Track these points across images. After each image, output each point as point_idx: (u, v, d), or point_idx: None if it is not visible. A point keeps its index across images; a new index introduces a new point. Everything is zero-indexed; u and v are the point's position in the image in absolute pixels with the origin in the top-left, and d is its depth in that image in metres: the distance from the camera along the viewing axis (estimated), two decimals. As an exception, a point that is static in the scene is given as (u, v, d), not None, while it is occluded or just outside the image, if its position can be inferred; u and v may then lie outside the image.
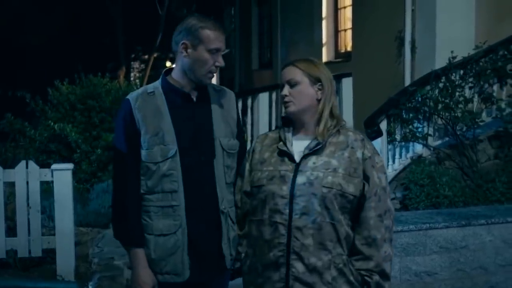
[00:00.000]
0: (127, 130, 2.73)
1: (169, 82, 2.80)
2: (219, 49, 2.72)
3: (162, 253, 2.70)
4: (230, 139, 2.81)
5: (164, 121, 2.71)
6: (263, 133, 2.82)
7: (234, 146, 2.83)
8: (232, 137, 2.83)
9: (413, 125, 6.82)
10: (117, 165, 2.84)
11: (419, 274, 5.01)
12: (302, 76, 2.57)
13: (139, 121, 2.71)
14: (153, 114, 2.72)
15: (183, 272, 2.70)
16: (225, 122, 2.83)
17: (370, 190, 2.52)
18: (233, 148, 2.82)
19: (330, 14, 11.24)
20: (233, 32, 16.39)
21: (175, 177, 2.68)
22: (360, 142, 2.58)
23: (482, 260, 5.16)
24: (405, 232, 4.99)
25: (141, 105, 2.73)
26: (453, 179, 6.37)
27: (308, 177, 2.49)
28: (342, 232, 2.50)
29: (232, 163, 2.81)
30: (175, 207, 2.69)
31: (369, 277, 2.53)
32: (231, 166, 2.80)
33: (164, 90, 2.79)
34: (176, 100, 2.76)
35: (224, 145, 2.78)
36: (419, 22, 8.55)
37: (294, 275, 2.47)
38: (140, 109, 2.73)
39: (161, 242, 2.69)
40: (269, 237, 2.51)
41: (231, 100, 2.92)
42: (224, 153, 2.77)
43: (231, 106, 2.91)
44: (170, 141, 2.69)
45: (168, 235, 2.69)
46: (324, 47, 11.20)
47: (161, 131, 2.69)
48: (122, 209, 2.75)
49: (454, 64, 6.85)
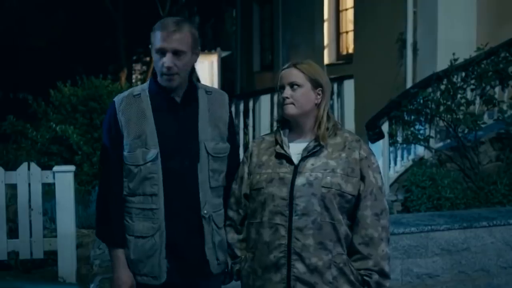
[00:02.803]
0: (110, 132, 2.74)
1: (156, 85, 2.75)
2: (162, 49, 2.65)
3: (140, 255, 2.70)
4: (217, 143, 2.76)
5: (147, 124, 2.69)
6: (259, 137, 2.83)
7: (223, 149, 2.78)
8: (221, 140, 2.78)
9: (414, 127, 6.82)
10: (102, 166, 2.86)
11: (421, 276, 5.00)
12: (304, 80, 2.58)
13: (122, 124, 2.70)
14: (137, 117, 2.70)
15: (160, 275, 2.69)
16: (213, 125, 2.77)
17: (366, 189, 2.55)
18: (221, 151, 2.77)
19: (331, 16, 11.26)
20: (234, 34, 16.40)
21: (156, 180, 2.67)
22: (357, 143, 2.61)
23: (483, 262, 5.16)
24: (406, 234, 4.99)
25: (125, 108, 2.72)
26: (454, 181, 6.36)
27: (308, 178, 2.51)
28: (342, 231, 2.53)
29: (220, 167, 2.76)
30: (154, 210, 2.68)
31: (368, 277, 2.54)
32: (218, 170, 2.76)
33: (150, 93, 2.76)
34: (161, 103, 2.73)
35: (210, 149, 2.72)
36: (421, 24, 8.56)
37: (296, 276, 2.48)
38: (124, 111, 2.72)
39: (140, 244, 2.69)
40: (269, 238, 2.53)
41: (223, 102, 2.86)
42: (210, 157, 2.72)
43: (223, 109, 2.84)
44: (152, 144, 2.67)
45: (146, 237, 2.68)
46: (326, 49, 11.21)
47: (143, 134, 2.68)
48: (105, 209, 2.77)
49: (456, 66, 6.85)
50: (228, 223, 2.74)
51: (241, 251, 2.70)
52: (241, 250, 2.70)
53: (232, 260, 2.72)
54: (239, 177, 2.73)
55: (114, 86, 8.07)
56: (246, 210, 2.69)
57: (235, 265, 2.71)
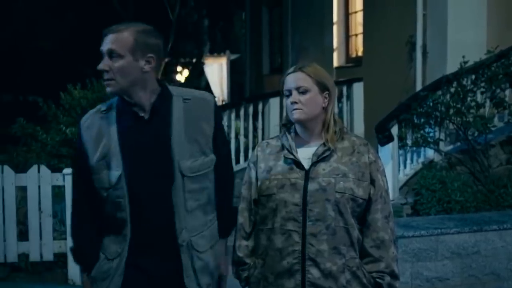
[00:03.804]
0: (77, 153, 2.57)
1: (122, 99, 2.50)
2: (102, 52, 2.45)
3: (97, 274, 2.57)
4: (196, 159, 2.50)
5: (111, 143, 2.47)
6: (263, 141, 2.77)
7: (204, 165, 2.53)
8: (203, 154, 2.53)
9: (424, 130, 6.79)
10: (72, 189, 2.71)
11: (431, 279, 4.99)
12: (312, 84, 2.55)
13: (86, 144, 2.51)
14: (102, 136, 2.49)
15: None
16: (190, 140, 2.51)
17: (376, 193, 2.56)
18: (201, 168, 2.52)
19: (341, 19, 11.24)
20: (244, 37, 16.41)
21: (123, 205, 2.47)
22: (365, 147, 2.60)
23: (494, 266, 5.13)
24: (416, 238, 4.97)
25: (90, 126, 2.52)
26: (464, 184, 6.34)
27: (320, 183, 2.50)
28: (355, 235, 2.53)
29: (200, 185, 2.53)
30: (124, 235, 2.49)
31: (381, 279, 2.55)
32: (198, 189, 2.53)
33: (117, 108, 2.52)
34: (126, 119, 2.49)
35: (185, 169, 2.48)
36: (431, 27, 8.53)
37: (310, 281, 2.48)
38: (88, 130, 2.52)
39: (102, 263, 2.56)
40: (282, 245, 2.51)
41: (206, 109, 2.58)
42: (185, 178, 2.48)
43: (205, 117, 2.56)
44: (115, 166, 2.45)
45: (109, 259, 2.54)
46: (335, 52, 11.19)
47: (108, 155, 2.46)
48: (75, 234, 2.64)
49: (466, 69, 6.83)
50: (238, 228, 2.69)
51: (249, 258, 2.67)
52: (249, 256, 2.67)
53: (239, 266, 2.69)
54: (247, 183, 2.69)
55: (124, 89, 8.08)
56: (256, 216, 2.66)
57: (243, 272, 2.67)
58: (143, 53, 2.45)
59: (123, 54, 2.42)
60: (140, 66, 2.45)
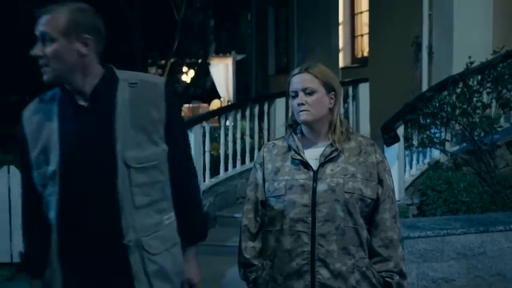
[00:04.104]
0: (19, 148, 2.34)
1: (64, 87, 2.28)
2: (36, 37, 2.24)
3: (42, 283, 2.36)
4: (143, 149, 2.25)
5: (51, 136, 2.24)
6: (269, 142, 2.76)
7: (154, 156, 2.28)
8: (153, 144, 2.28)
9: (430, 131, 6.79)
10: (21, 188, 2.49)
11: (437, 280, 4.98)
12: (318, 85, 2.55)
13: (27, 136, 2.30)
14: (43, 128, 2.27)
15: None
16: (137, 127, 2.25)
17: (384, 193, 2.56)
18: (150, 159, 2.27)
19: (346, 19, 11.24)
20: (250, 37, 16.42)
21: (52, 205, 2.24)
22: (371, 147, 2.60)
23: (500, 266, 5.12)
24: (422, 238, 4.97)
25: (30, 117, 2.32)
26: (470, 185, 6.33)
27: (329, 184, 2.50)
28: (364, 235, 2.53)
29: (151, 178, 2.28)
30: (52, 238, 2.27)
31: (390, 278, 2.56)
32: (148, 183, 2.27)
33: (60, 97, 2.30)
34: (68, 109, 2.27)
35: (130, 160, 2.22)
36: (436, 27, 8.52)
37: (320, 282, 2.48)
38: (29, 122, 2.31)
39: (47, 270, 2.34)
40: (290, 246, 2.51)
41: (154, 93, 2.31)
42: (131, 170, 2.22)
43: (154, 101, 2.30)
44: (53, 161, 2.22)
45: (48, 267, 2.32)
46: (341, 52, 11.19)
47: (47, 149, 2.24)
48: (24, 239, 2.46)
49: (472, 69, 6.81)
50: (243, 229, 2.69)
51: (257, 259, 2.66)
52: (257, 258, 2.67)
53: (247, 268, 2.68)
54: (253, 184, 2.68)
55: (130, 90, 8.11)
56: (263, 217, 2.66)
57: (251, 273, 2.67)
58: (78, 35, 2.21)
59: (55, 37, 2.19)
60: (76, 49, 2.21)
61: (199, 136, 7.27)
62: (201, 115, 9.21)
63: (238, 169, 7.88)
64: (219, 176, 7.71)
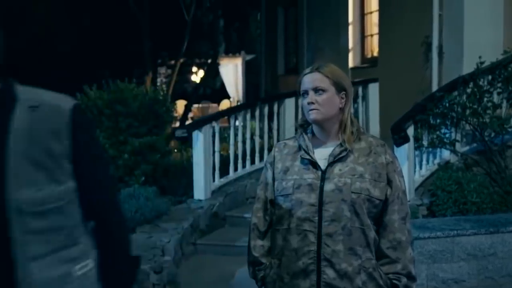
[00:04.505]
0: None
1: None
2: None
3: None
4: (40, 188, 1.79)
5: None
6: (280, 142, 2.77)
7: (52, 197, 1.81)
8: (54, 182, 1.81)
9: (440, 131, 6.77)
10: None
11: (446, 281, 4.96)
12: (329, 84, 2.55)
13: None
14: None
15: None
16: (35, 162, 1.79)
17: (393, 194, 2.55)
18: (48, 201, 1.80)
19: (356, 19, 11.22)
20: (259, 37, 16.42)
21: None
22: (382, 147, 2.60)
23: (510, 267, 5.10)
24: (432, 239, 4.95)
25: None
26: (481, 185, 6.31)
27: (336, 183, 2.50)
28: (371, 236, 2.52)
29: (49, 223, 1.82)
30: None
31: (397, 280, 2.54)
32: (45, 230, 1.82)
33: None
34: None
35: (22, 202, 1.77)
36: (447, 27, 8.49)
37: (326, 281, 2.48)
38: None
39: None
40: (297, 245, 2.51)
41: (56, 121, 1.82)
42: (24, 215, 1.78)
43: (54, 132, 1.81)
44: None
45: None
46: (351, 53, 11.17)
47: None
48: None
49: (482, 69, 6.79)
50: (252, 228, 2.70)
51: (265, 258, 2.67)
52: (265, 256, 2.68)
53: (256, 266, 2.69)
54: (263, 183, 2.70)
55: (139, 90, 8.16)
56: (272, 216, 2.67)
57: (259, 272, 2.68)
58: None
59: None
60: None
61: (209, 136, 7.28)
62: (210, 115, 9.23)
63: (248, 169, 7.88)
64: (229, 176, 7.72)
